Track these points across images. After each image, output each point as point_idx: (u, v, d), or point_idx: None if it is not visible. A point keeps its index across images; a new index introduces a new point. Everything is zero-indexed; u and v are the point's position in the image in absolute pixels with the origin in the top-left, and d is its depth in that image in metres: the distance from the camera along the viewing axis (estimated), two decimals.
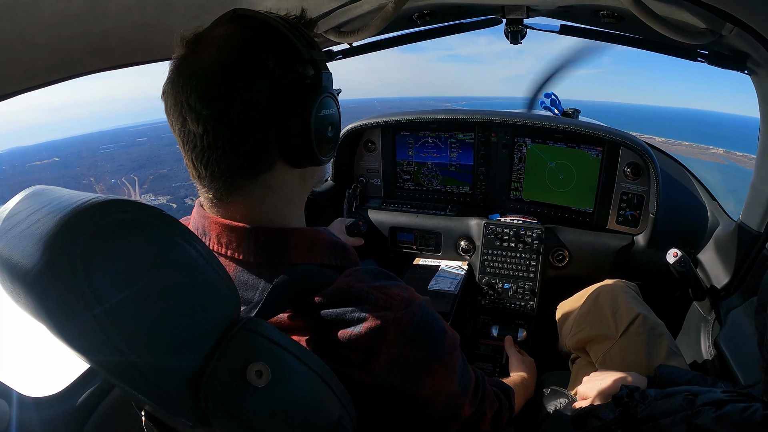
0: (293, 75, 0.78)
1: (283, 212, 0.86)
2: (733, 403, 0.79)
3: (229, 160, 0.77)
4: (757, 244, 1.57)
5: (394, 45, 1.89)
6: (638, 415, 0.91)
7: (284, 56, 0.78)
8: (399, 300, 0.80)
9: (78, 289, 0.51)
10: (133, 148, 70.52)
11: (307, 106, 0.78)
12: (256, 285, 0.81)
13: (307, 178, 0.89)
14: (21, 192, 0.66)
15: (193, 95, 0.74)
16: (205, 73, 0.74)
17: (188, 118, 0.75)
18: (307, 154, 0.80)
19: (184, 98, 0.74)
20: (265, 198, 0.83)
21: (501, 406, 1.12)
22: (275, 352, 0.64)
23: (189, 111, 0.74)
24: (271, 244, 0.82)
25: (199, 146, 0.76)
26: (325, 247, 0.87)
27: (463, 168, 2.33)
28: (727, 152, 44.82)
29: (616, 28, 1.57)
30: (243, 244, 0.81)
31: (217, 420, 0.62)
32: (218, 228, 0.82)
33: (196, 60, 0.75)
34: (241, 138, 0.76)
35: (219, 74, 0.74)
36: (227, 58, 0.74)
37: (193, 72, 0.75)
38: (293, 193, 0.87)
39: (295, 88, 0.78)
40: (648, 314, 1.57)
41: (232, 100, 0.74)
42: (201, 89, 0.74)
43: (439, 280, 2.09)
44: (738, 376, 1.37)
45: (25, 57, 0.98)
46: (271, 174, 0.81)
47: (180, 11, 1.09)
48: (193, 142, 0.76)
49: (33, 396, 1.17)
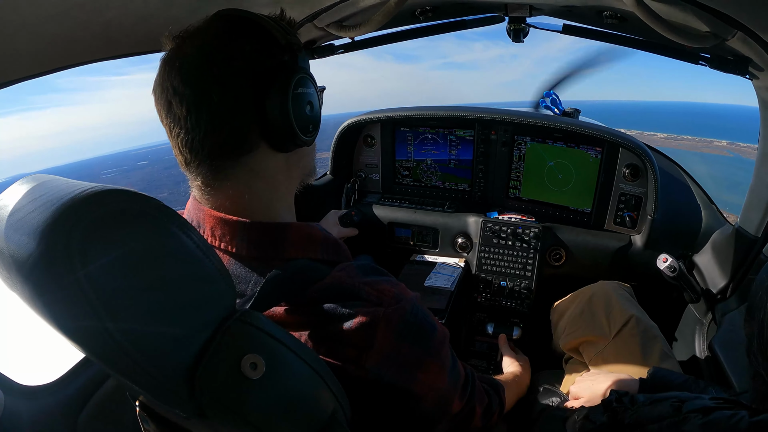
0: (269, 58, 0.82)
1: (271, 201, 0.88)
2: (719, 410, 0.80)
3: (211, 141, 0.79)
4: (754, 247, 1.57)
5: (396, 40, 1.88)
6: (626, 421, 0.91)
7: (260, 41, 0.82)
8: (390, 296, 0.81)
9: (74, 279, 0.51)
10: (134, 172, 70.28)
11: (284, 85, 0.81)
12: (248, 278, 0.82)
13: (293, 164, 0.90)
14: (18, 181, 0.66)
15: (177, 79, 0.78)
16: (188, 60, 0.79)
17: (173, 102, 0.79)
18: (287, 133, 0.83)
19: (170, 83, 0.79)
20: (252, 184, 0.85)
21: (491, 401, 1.13)
22: (270, 344, 0.65)
23: (173, 95, 0.78)
24: (266, 238, 0.83)
25: (184, 128, 0.79)
26: (320, 243, 0.88)
27: (462, 164, 2.33)
28: (730, 144, 44.39)
29: (619, 29, 1.57)
30: (237, 237, 0.82)
31: (212, 411, 0.62)
32: (212, 220, 0.83)
33: (180, 50, 0.80)
34: (221, 118, 0.79)
35: (200, 58, 0.78)
36: (207, 44, 0.79)
37: (177, 60, 0.79)
38: (279, 180, 0.88)
39: (271, 70, 0.81)
40: (642, 316, 1.58)
41: (212, 82, 0.78)
42: (184, 73, 0.78)
43: (436, 276, 2.09)
44: (732, 380, 1.38)
45: (29, 46, 0.98)
46: (254, 157, 0.83)
47: (183, 3, 1.09)
48: (179, 125, 0.79)
49: (27, 385, 1.17)
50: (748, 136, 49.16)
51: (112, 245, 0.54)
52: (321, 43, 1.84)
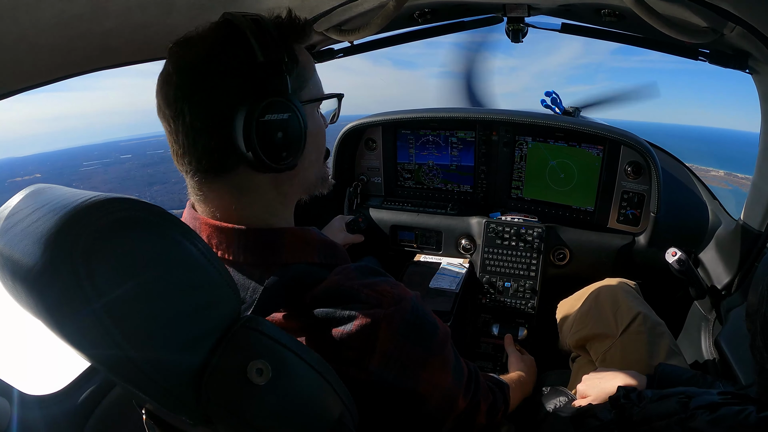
0: (240, 78, 0.77)
1: (263, 212, 0.86)
2: (727, 406, 0.79)
3: (189, 157, 0.79)
4: (758, 243, 1.57)
5: (395, 43, 1.89)
6: (633, 418, 0.91)
7: (237, 57, 0.77)
8: (389, 297, 0.80)
9: (79, 287, 0.51)
10: (114, 166, 69.16)
11: (250, 110, 0.76)
12: (246, 285, 0.81)
13: (284, 182, 0.86)
14: (22, 190, 0.66)
15: (160, 95, 0.79)
16: (169, 76, 0.78)
17: (159, 115, 0.80)
18: (258, 159, 0.78)
19: (158, 98, 0.80)
20: (239, 198, 0.83)
21: (495, 399, 1.13)
22: (276, 350, 0.64)
23: (159, 109, 0.80)
24: (262, 244, 0.83)
25: (170, 139, 0.80)
26: (316, 246, 0.88)
27: (463, 169, 2.32)
28: (728, 174, 43.64)
29: (618, 27, 1.57)
30: (233, 245, 0.82)
31: (218, 418, 0.62)
32: (208, 229, 0.83)
33: (166, 65, 0.79)
34: (194, 137, 0.77)
35: (180, 75, 0.77)
36: (193, 58, 0.77)
37: (162, 75, 0.79)
38: (270, 197, 0.86)
39: (241, 93, 0.77)
40: (648, 313, 1.57)
41: (184, 101, 0.76)
42: (165, 90, 0.78)
43: (441, 278, 2.09)
44: (738, 375, 1.37)
45: (27, 57, 0.98)
46: (237, 176, 0.82)
47: (181, 11, 1.09)
48: (168, 135, 0.81)
49: (34, 394, 1.17)
50: (745, 166, 48.81)
51: (116, 253, 0.55)
52: (321, 48, 1.85)
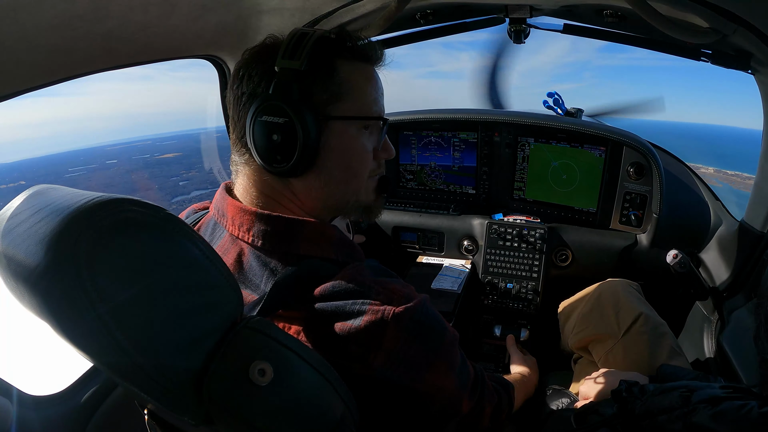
0: (252, 81, 0.87)
1: (281, 210, 0.89)
2: (729, 400, 0.79)
3: (232, 140, 0.92)
4: (760, 243, 1.56)
5: (397, 44, 1.89)
6: (636, 411, 0.91)
7: (262, 63, 0.87)
8: (400, 296, 0.80)
9: (82, 288, 0.51)
10: (99, 172, 68.94)
11: (255, 109, 0.84)
12: (261, 273, 0.83)
13: (298, 192, 0.90)
14: (24, 191, 0.67)
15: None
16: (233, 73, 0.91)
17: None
18: (259, 157, 0.87)
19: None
20: (257, 188, 0.90)
21: (500, 401, 1.13)
22: (278, 350, 0.64)
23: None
24: (281, 231, 0.84)
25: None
26: (334, 242, 0.89)
27: (466, 170, 2.32)
28: (718, 171, 43.16)
29: (620, 28, 1.57)
30: (253, 227, 0.84)
31: (220, 418, 0.62)
32: (233, 209, 0.87)
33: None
34: (233, 126, 0.90)
35: (233, 76, 0.90)
36: (242, 61, 0.90)
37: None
38: (285, 200, 0.90)
39: (252, 93, 0.87)
40: (650, 313, 1.57)
41: (231, 97, 0.90)
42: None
43: (443, 278, 2.09)
44: (741, 375, 1.37)
45: (28, 57, 0.98)
46: (251, 166, 0.89)
47: (183, 11, 1.09)
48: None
49: (35, 395, 1.17)
50: (735, 162, 48.01)
51: (119, 254, 0.55)
52: None
